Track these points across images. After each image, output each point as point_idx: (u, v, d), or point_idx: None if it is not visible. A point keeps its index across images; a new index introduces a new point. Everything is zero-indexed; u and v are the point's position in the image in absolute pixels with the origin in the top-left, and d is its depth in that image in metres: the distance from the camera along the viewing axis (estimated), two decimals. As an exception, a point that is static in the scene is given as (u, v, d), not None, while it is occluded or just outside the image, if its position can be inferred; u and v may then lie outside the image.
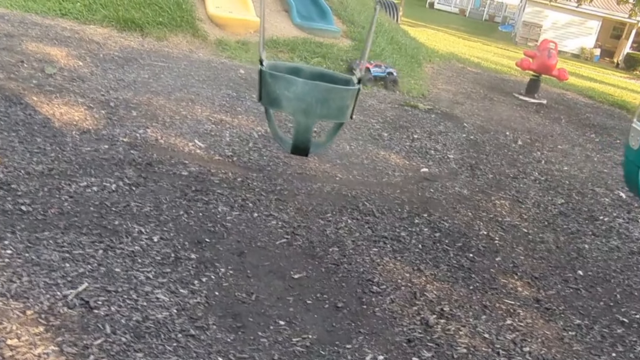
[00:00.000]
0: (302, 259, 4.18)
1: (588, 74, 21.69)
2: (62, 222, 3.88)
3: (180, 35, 9.81)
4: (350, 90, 3.60)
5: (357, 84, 3.71)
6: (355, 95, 3.63)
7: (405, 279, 4.18)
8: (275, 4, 11.66)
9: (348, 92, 3.58)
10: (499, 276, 4.54)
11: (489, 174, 6.84)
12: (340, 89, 3.55)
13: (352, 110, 3.68)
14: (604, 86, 17.72)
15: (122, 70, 7.38)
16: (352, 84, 3.81)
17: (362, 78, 3.78)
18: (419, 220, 5.16)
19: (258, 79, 3.58)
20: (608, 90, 16.79)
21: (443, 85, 11.73)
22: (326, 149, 4.40)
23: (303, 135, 3.56)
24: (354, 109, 3.68)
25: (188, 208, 4.47)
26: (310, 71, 4.07)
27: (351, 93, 3.60)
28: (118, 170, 4.78)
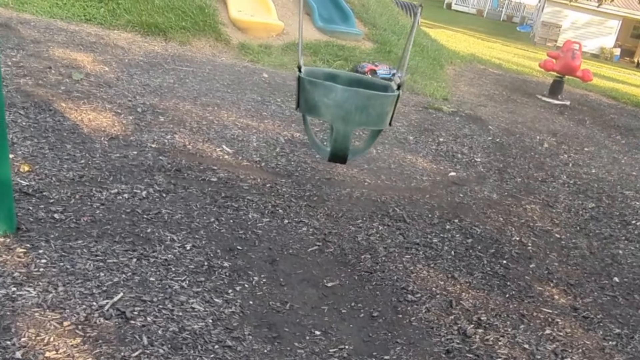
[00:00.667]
0: (334, 266, 4.14)
1: (609, 74, 21.45)
2: (95, 230, 3.86)
3: (203, 40, 9.82)
4: (390, 97, 3.55)
5: (397, 90, 3.66)
6: (395, 102, 3.58)
7: (440, 287, 4.12)
8: (297, 7, 11.63)
9: (388, 99, 3.53)
10: (535, 283, 4.46)
11: (517, 178, 6.76)
12: (380, 96, 3.50)
13: (392, 116, 3.63)
14: (626, 87, 17.51)
15: (148, 75, 7.38)
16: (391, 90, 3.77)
17: (402, 84, 3.73)
18: (450, 226, 5.10)
19: (296, 86, 3.54)
20: (631, 90, 16.59)
21: (465, 87, 11.64)
22: (364, 156, 4.35)
23: (342, 143, 3.52)
24: (393, 115, 3.63)
25: (219, 215, 4.44)
26: (348, 77, 4.03)
27: (391, 99, 3.55)
28: (148, 177, 4.76)
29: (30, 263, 3.37)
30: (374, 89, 3.82)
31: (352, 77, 4.11)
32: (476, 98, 10.99)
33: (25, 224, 3.72)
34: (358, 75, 4.22)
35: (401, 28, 12.77)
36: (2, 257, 3.36)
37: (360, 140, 6.09)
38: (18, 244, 3.52)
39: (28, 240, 3.59)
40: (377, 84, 4.06)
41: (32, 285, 3.20)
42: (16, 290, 3.13)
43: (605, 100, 14.02)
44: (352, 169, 5.86)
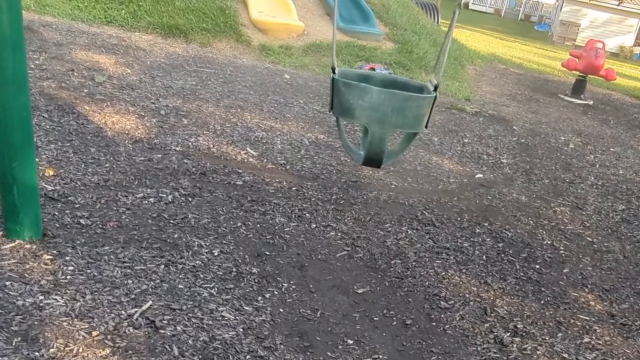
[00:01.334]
0: (364, 272, 4.05)
1: (631, 73, 21.17)
2: (122, 236, 3.80)
3: (224, 41, 9.77)
4: (427, 99, 3.45)
5: (433, 92, 3.56)
6: (432, 104, 3.48)
7: (473, 294, 4.02)
8: (317, 8, 11.56)
9: (425, 100, 3.43)
10: (569, 289, 4.35)
11: (544, 179, 6.63)
12: (417, 97, 3.40)
13: (428, 119, 3.54)
14: (651, 85, 17.28)
15: (170, 77, 7.33)
16: (427, 91, 3.67)
17: (438, 85, 3.63)
18: (480, 229, 4.99)
19: (330, 87, 3.45)
20: (656, 89, 16.35)
21: (487, 87, 11.51)
22: (398, 159, 4.25)
23: (377, 147, 3.43)
24: (429, 117, 3.53)
25: (245, 219, 4.36)
26: (382, 78, 3.94)
27: (428, 101, 3.45)
28: (173, 181, 4.70)
29: (57, 270, 3.31)
30: (409, 91, 3.73)
31: (386, 78, 4.02)
32: (498, 98, 10.85)
33: (51, 230, 3.66)
34: (392, 76, 4.13)
35: (421, 28, 12.66)
36: (29, 265, 3.30)
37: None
38: (44, 250, 3.46)
39: (54, 246, 3.53)
40: (412, 85, 3.96)
41: (59, 293, 3.14)
42: (43, 298, 3.06)
43: (629, 99, 13.81)
44: (378, 171, 5.76)
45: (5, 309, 2.90)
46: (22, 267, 3.27)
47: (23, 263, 3.30)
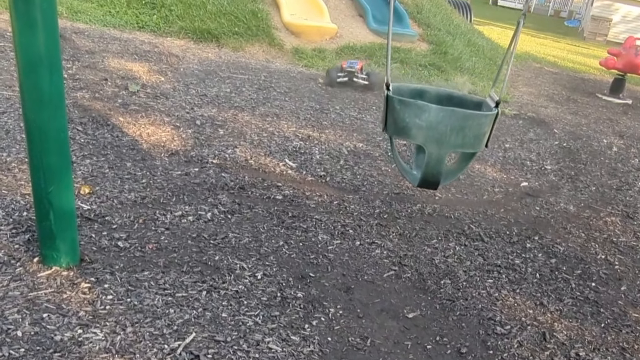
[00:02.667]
0: (413, 294, 3.86)
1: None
2: (161, 259, 3.65)
3: (256, 45, 9.62)
4: (489, 116, 3.24)
5: (495, 108, 3.35)
6: (494, 121, 3.27)
7: (530, 317, 3.81)
8: (349, 9, 11.36)
9: (487, 118, 3.22)
10: (629, 309, 4.11)
11: (591, 187, 6.37)
12: (478, 115, 3.19)
13: (489, 137, 3.33)
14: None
15: (204, 85, 7.20)
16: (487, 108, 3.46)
17: (500, 101, 3.41)
18: (531, 244, 4.76)
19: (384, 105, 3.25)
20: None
21: (524, 88, 11.20)
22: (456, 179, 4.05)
23: (434, 168, 3.22)
24: (490, 136, 3.32)
25: (287, 237, 4.20)
26: (437, 93, 3.74)
27: (490, 119, 3.24)
28: (211, 196, 4.55)
29: (95, 300, 3.18)
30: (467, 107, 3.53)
31: (442, 93, 3.81)
32: (536, 99, 10.55)
33: (88, 254, 3.53)
34: (447, 91, 3.91)
35: (455, 28, 12.38)
36: (67, 294, 3.17)
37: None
38: (82, 277, 3.33)
39: (92, 272, 3.39)
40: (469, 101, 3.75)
41: (98, 326, 3.00)
42: (82, 332, 2.93)
43: (670, 97, 13.38)
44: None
45: (43, 346, 2.77)
46: (59, 296, 3.14)
47: (60, 292, 3.17)
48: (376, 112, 7.54)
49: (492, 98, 3.51)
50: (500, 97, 3.34)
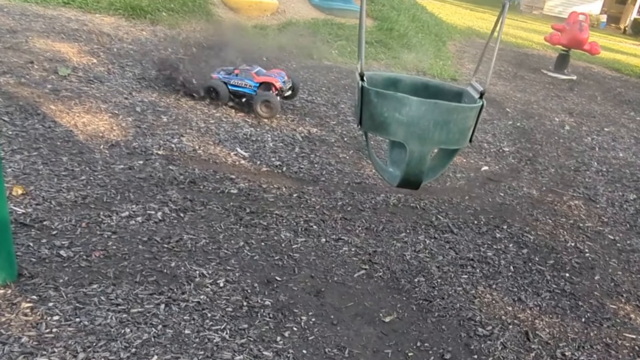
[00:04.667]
0: (387, 294, 3.59)
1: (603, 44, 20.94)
2: (111, 269, 3.26)
3: (193, 22, 9.08)
4: (474, 109, 2.94)
5: (479, 99, 3.06)
6: (479, 114, 2.97)
7: (510, 315, 3.59)
8: (290, -17, 10.93)
9: (472, 111, 2.92)
10: (606, 300, 3.96)
11: (550, 168, 6.24)
12: (464, 108, 2.88)
13: (473, 132, 3.03)
14: (626, 57, 17.02)
15: (141, 67, 6.69)
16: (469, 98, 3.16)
17: (484, 92, 3.12)
18: (500, 234, 4.56)
19: (358, 98, 2.91)
20: (632, 61, 16.10)
21: (470, 65, 11.06)
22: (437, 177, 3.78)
23: (416, 167, 2.90)
24: (474, 130, 3.03)
25: (247, 237, 3.85)
26: (412, 82, 3.40)
27: (475, 112, 2.94)
28: (160, 193, 4.15)
29: (39, 322, 2.77)
30: (444, 97, 3.22)
31: (417, 82, 3.49)
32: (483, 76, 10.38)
33: (27, 267, 3.11)
34: (423, 79, 3.59)
35: (399, 2, 12.10)
36: (5, 317, 2.76)
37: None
38: (22, 295, 2.92)
39: (33, 289, 2.98)
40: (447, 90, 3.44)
41: (45, 353, 2.61)
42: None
43: (609, 72, 13.54)
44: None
45: (-20, 387, 2.36)
46: (-3, 322, 2.72)
47: (-2, 316, 2.75)
48: (326, 94, 7.21)
49: (475, 88, 3.21)
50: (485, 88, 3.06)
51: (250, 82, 5.98)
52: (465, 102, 3.38)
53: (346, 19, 10.38)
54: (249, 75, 5.99)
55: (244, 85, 5.99)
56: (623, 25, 32.18)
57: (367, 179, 5.03)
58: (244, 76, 6.00)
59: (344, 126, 6.15)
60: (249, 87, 5.99)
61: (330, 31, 9.71)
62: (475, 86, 3.24)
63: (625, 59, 16.39)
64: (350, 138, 5.89)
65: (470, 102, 3.28)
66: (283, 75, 6.19)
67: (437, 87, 3.40)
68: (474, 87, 3.29)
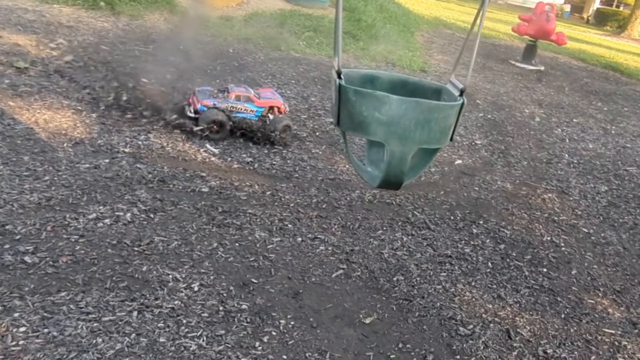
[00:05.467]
0: (366, 295, 3.50)
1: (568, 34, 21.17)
2: (80, 275, 3.11)
3: (156, 13, 8.85)
4: (455, 107, 2.85)
5: (460, 97, 2.97)
6: (459, 112, 2.89)
7: (490, 312, 3.54)
8: (255, -27, 10.73)
9: (453, 109, 2.83)
10: (584, 295, 3.94)
11: (522, 161, 6.22)
12: (445, 106, 2.79)
13: (454, 130, 2.95)
14: (591, 47, 17.20)
15: (104, 60, 6.46)
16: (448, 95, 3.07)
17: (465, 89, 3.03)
18: (477, 229, 4.51)
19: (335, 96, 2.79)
20: (597, 51, 16.29)
21: (439, 56, 11.02)
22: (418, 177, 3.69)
23: (397, 167, 2.80)
24: (455, 128, 2.95)
25: (221, 237, 3.72)
26: (389, 79, 3.29)
27: (456, 110, 2.86)
28: (128, 193, 3.99)
29: (5, 334, 2.62)
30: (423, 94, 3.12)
31: (395, 79, 3.38)
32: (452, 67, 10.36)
33: (-10, 275, 2.94)
34: (401, 76, 3.48)
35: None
36: (-32, 330, 2.59)
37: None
38: (-15, 306, 2.75)
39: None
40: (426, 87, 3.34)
41: (12, 368, 2.45)
42: (-8, 381, 2.38)
43: (575, 62, 13.65)
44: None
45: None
46: (-42, 336, 2.56)
47: (-41, 330, 2.59)
48: (296, 86, 7.08)
49: (455, 85, 3.12)
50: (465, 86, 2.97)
51: (251, 107, 5.23)
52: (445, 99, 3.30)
53: (313, 9, 10.25)
54: (249, 99, 5.24)
55: (244, 111, 5.21)
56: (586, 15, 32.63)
57: (341, 174, 4.93)
58: (244, 100, 5.23)
59: (316, 120, 6.04)
60: (250, 112, 5.23)
61: (298, 22, 9.57)
62: (455, 83, 3.15)
63: (591, 48, 16.57)
64: (323, 132, 5.78)
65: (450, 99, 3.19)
66: (277, 93, 5.57)
67: (416, 84, 3.30)
68: (454, 84, 3.21)
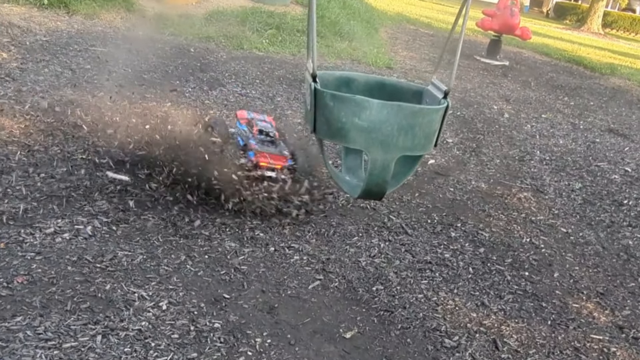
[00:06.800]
0: (345, 307, 3.32)
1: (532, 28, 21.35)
2: (37, 297, 2.86)
3: (112, 11, 8.54)
4: (440, 111, 2.69)
5: (443, 99, 2.81)
6: (444, 116, 2.73)
7: (475, 322, 3.39)
8: (214, -30, 10.46)
9: (437, 113, 2.68)
10: (568, 299, 3.82)
11: (495, 159, 6.11)
12: (429, 111, 2.63)
13: (439, 135, 2.79)
14: (553, 41, 17.31)
15: (58, 62, 6.16)
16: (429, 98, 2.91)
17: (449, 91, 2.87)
18: (455, 232, 4.36)
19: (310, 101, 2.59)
20: (559, 45, 16.38)
21: (404, 52, 10.90)
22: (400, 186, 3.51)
23: (379, 177, 2.63)
24: (440, 133, 2.78)
25: (189, 250, 3.50)
26: (365, 81, 3.12)
27: (441, 114, 2.70)
28: (88, 204, 3.74)
29: (-47, 368, 2.36)
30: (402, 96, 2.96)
31: (371, 81, 3.21)
32: (418, 63, 10.26)
33: (-64, 301, 2.68)
34: (377, 78, 3.31)
35: (328, -11, 11.81)
36: None
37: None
38: None
39: (-56, 327, 2.56)
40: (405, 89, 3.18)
41: (-39, 408, 2.20)
42: None
43: (539, 57, 13.67)
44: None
45: None
46: None
47: None
48: (260, 86, 6.86)
49: (437, 87, 2.97)
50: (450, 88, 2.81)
51: None
52: (427, 102, 3.14)
53: (275, 6, 10.03)
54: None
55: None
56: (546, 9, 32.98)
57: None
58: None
59: (282, 120, 5.83)
60: None
61: (260, 20, 9.33)
62: (438, 85, 3.00)
63: (553, 42, 16.67)
64: (289, 134, 5.56)
65: (433, 102, 3.04)
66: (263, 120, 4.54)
67: (394, 86, 3.14)
68: (436, 85, 3.05)
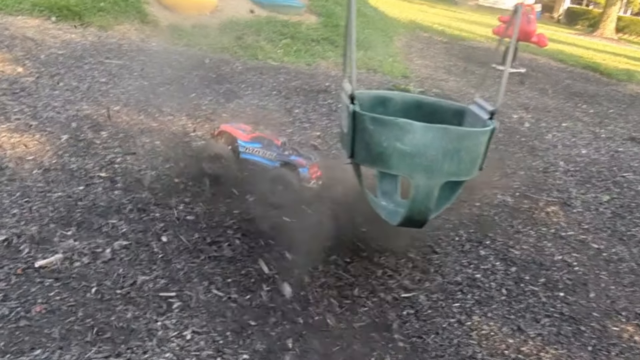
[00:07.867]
0: (375, 334, 3.16)
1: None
2: (56, 327, 2.73)
3: (126, 23, 8.43)
4: (487, 133, 2.54)
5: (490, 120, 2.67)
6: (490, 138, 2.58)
7: (513, 348, 3.23)
8: (229, -21, 10.34)
9: (484, 136, 2.53)
10: (607, 322, 3.65)
11: (518, 171, 5.94)
12: (476, 133, 2.49)
13: (484, 158, 2.64)
14: (567, 47, 17.10)
15: (73, 75, 6.06)
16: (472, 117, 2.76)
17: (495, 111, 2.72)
18: (485, 251, 4.21)
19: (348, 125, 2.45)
20: (574, 51, 16.19)
21: (419, 60, 10.74)
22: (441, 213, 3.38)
23: (423, 204, 2.48)
24: (485, 156, 2.63)
25: (211, 274, 3.36)
26: (402, 100, 2.98)
27: (487, 136, 2.55)
28: (106, 225, 3.61)
29: (-31, 410, 2.23)
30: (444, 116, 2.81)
31: (409, 100, 3.06)
32: (434, 72, 10.10)
33: (-50, 334, 2.55)
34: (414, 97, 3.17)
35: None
36: None
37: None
38: (-55, 374, 2.36)
39: (-40, 364, 2.43)
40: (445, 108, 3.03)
41: None
42: None
43: (554, 64, 13.47)
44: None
45: None
46: None
47: None
48: (277, 98, 6.72)
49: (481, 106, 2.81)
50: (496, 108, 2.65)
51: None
52: (469, 122, 3.00)
53: (289, 15, 9.90)
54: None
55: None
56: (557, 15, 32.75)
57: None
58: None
59: (302, 134, 5.69)
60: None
61: (274, 29, 9.20)
62: (481, 104, 2.85)
63: (567, 49, 16.47)
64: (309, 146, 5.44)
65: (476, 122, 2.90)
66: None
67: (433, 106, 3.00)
68: (480, 105, 2.91)
